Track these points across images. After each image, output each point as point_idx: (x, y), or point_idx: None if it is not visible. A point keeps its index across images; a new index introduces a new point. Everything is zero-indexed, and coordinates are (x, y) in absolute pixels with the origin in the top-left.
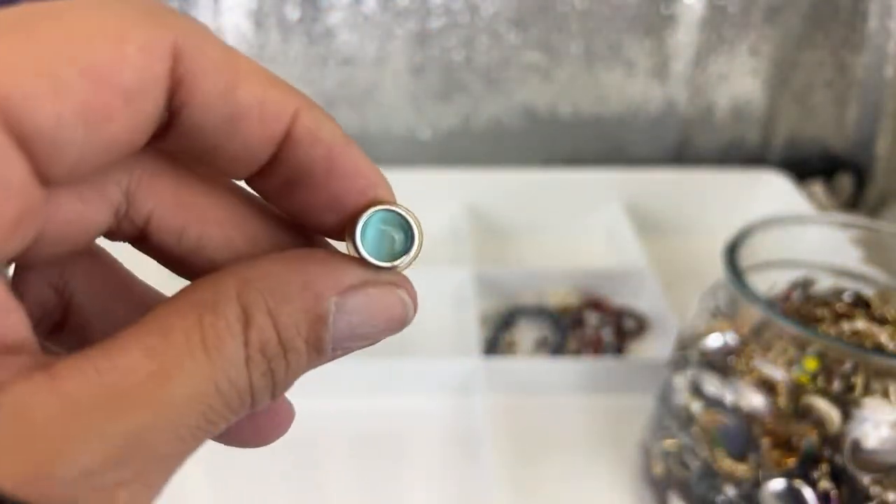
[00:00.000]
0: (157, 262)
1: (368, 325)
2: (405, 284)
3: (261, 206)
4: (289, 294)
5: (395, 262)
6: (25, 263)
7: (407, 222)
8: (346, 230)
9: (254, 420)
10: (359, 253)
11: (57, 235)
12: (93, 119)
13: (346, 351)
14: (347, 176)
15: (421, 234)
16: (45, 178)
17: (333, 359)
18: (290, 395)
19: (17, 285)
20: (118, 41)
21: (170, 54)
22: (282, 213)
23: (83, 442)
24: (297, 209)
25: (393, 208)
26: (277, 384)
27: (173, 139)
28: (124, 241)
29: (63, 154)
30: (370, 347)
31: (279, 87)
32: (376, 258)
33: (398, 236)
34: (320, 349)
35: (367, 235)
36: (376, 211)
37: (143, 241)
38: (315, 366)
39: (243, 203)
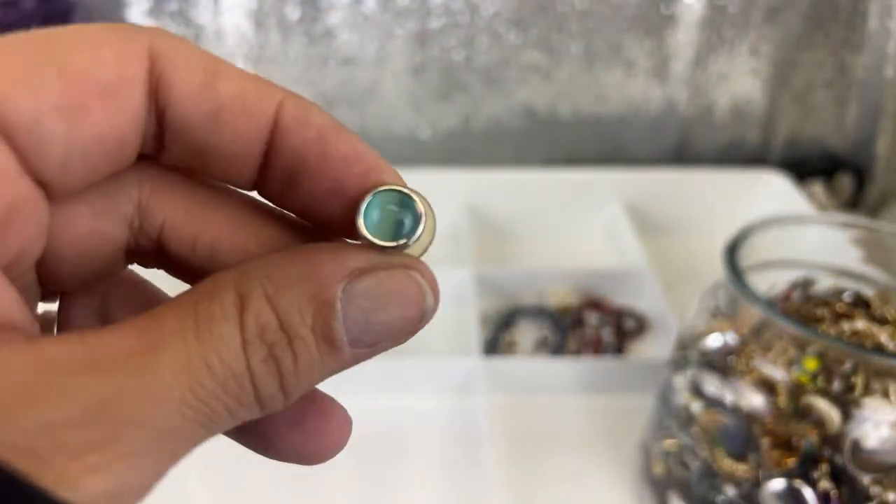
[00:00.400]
0: (181, 279)
1: (382, 310)
2: (419, 266)
3: (273, 212)
4: (290, 281)
5: (400, 241)
6: (64, 290)
7: (413, 202)
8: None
9: (301, 426)
10: (362, 235)
11: (77, 252)
12: (70, 113)
13: (372, 349)
14: (344, 160)
15: (430, 212)
16: (42, 181)
17: (360, 358)
18: None
19: (62, 314)
20: (95, 46)
21: (146, 55)
22: (295, 217)
23: (49, 396)
24: (304, 206)
25: (395, 188)
26: (286, 375)
27: (170, 147)
28: (153, 266)
29: (48, 148)
30: None
31: (260, 82)
32: (381, 239)
33: (407, 219)
34: (331, 340)
35: (371, 217)
36: (378, 192)
37: (162, 256)
38: (336, 363)
39: (254, 209)
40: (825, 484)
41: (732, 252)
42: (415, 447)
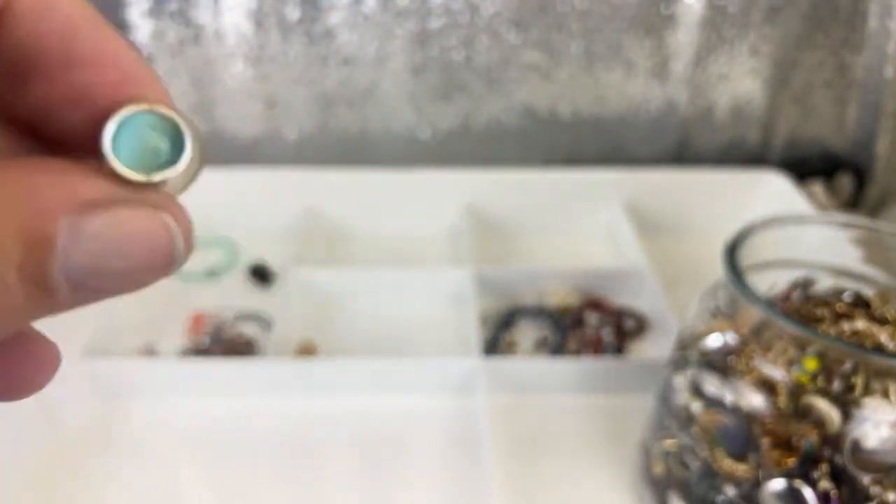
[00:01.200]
0: None
1: (118, 255)
2: (172, 209)
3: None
4: None
5: (153, 177)
6: None
7: (177, 127)
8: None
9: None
10: (106, 161)
11: None
12: None
13: (96, 292)
14: (95, 62)
15: (196, 141)
16: None
17: (78, 303)
18: (288, 393)
19: None
20: None
21: None
22: (27, 123)
23: None
24: (39, 114)
25: (155, 108)
26: None
27: None
28: None
29: None
30: (368, 346)
31: None
32: (131, 170)
33: (165, 147)
34: (42, 283)
35: (123, 141)
36: (135, 112)
37: None
38: (46, 308)
39: None
40: (825, 484)
41: (732, 252)
42: (415, 447)
